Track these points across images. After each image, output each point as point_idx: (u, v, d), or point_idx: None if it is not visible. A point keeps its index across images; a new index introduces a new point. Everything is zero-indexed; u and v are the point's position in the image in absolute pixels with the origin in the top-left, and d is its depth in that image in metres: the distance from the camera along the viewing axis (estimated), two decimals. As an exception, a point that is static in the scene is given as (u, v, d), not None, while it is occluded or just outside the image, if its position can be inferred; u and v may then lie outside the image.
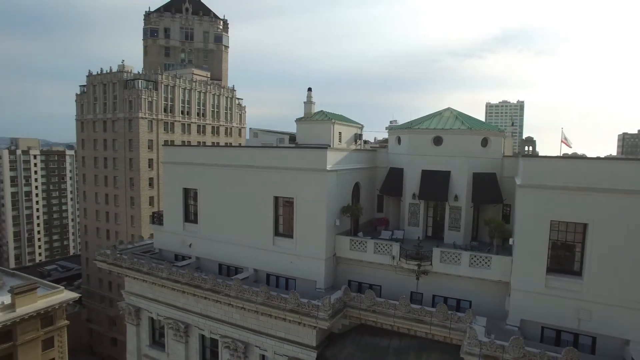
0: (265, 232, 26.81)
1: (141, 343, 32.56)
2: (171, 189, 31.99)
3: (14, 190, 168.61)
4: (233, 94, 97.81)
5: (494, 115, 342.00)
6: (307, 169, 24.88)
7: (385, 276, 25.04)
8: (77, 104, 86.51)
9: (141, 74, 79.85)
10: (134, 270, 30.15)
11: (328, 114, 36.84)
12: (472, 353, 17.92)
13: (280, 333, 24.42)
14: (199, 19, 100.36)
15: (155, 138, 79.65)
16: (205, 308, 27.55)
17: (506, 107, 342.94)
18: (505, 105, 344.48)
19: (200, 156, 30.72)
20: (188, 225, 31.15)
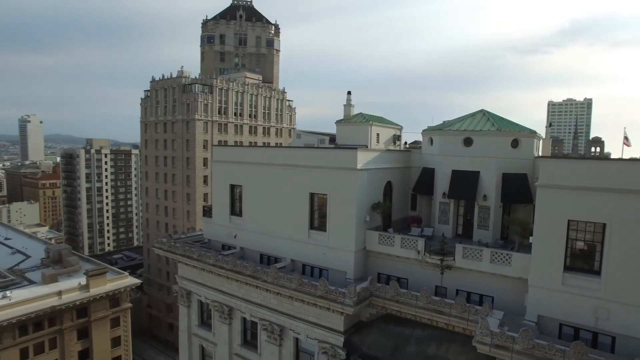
0: (301, 226, 29.11)
1: (191, 323, 36.15)
2: (219, 185, 35.22)
3: (88, 185, 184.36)
4: (283, 96, 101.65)
5: (557, 114, 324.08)
6: (339, 168, 26.87)
7: (411, 270, 26.45)
8: (141, 107, 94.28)
9: (198, 79, 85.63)
10: (185, 257, 33.68)
11: (366, 116, 38.54)
12: (484, 342, 19.07)
13: (311, 318, 26.63)
14: (252, 25, 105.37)
15: (210, 138, 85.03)
16: (246, 293, 30.36)
17: (571, 106, 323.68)
18: (570, 104, 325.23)
19: (245, 155, 33.68)
20: (234, 218, 34.21)
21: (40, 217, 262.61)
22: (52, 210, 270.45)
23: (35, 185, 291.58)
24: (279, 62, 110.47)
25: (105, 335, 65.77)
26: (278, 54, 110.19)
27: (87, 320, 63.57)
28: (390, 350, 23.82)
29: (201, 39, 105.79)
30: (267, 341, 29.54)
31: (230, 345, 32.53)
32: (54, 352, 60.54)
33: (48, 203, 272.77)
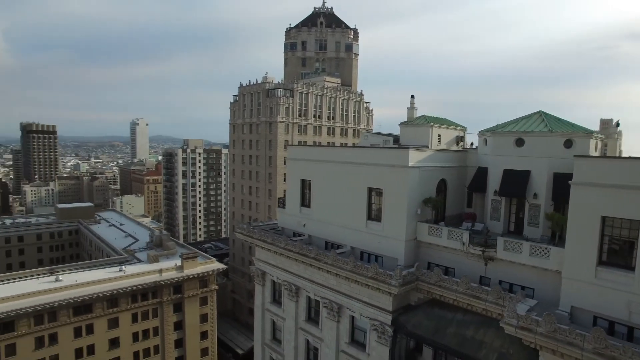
0: (360, 216, 32.63)
1: (265, 300, 41.44)
2: (292, 180, 40.00)
3: (184, 181, 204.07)
4: (361, 98, 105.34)
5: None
6: (393, 165, 29.96)
7: (458, 260, 28.66)
8: (230, 111, 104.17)
9: (280, 84, 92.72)
10: (261, 241, 38.97)
11: (428, 118, 40.83)
12: (510, 324, 21.13)
13: (365, 298, 30.06)
14: (331, 30, 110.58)
15: (290, 139, 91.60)
16: (311, 274, 34.64)
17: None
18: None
19: (313, 154, 38.09)
20: (303, 209, 38.72)
21: (145, 208, 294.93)
22: (155, 203, 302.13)
23: (141, 180, 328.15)
24: (357, 66, 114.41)
25: (195, 311, 74.94)
26: (357, 57, 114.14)
27: (181, 296, 73.14)
28: (432, 330, 26.44)
29: (284, 46, 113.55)
30: (327, 317, 33.54)
31: (297, 320, 37.10)
32: (155, 320, 70.72)
33: (151, 196, 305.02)
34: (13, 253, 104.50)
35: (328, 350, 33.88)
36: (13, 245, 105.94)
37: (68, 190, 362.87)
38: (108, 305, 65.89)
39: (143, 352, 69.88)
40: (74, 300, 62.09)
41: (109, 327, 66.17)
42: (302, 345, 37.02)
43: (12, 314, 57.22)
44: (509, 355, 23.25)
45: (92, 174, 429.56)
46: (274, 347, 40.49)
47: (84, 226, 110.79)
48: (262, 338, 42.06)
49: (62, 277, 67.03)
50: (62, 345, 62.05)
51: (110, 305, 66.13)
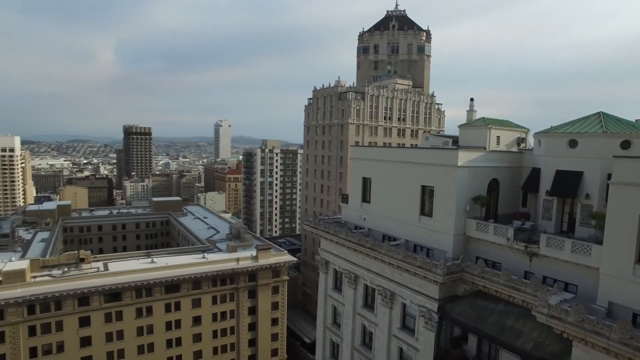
0: (413, 212, 35.21)
1: (327, 287, 45.38)
2: (354, 177, 43.50)
3: (262, 180, 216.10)
4: (432, 100, 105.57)
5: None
6: (443, 165, 32.24)
7: (504, 255, 30.18)
8: (305, 113, 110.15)
9: (352, 87, 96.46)
10: (324, 232, 42.96)
11: (487, 120, 41.99)
12: (542, 312, 22.74)
13: (415, 286, 32.66)
14: (403, 33, 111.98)
15: (361, 140, 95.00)
16: (368, 264, 37.86)
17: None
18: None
19: (373, 154, 41.29)
20: (364, 204, 42.02)
21: (226, 205, 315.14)
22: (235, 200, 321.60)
23: (223, 178, 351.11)
24: (429, 67, 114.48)
25: (267, 298, 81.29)
26: (429, 59, 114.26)
27: (255, 284, 79.88)
28: (474, 318, 28.42)
29: (357, 50, 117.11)
30: (381, 304, 36.56)
31: (354, 306, 40.51)
32: (232, 304, 78.16)
33: (232, 194, 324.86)
34: (118, 238, 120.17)
35: (381, 334, 36.89)
36: (118, 232, 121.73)
37: (160, 186, 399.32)
38: (192, 286, 74.40)
39: (221, 331, 77.70)
40: (165, 280, 71.20)
41: (193, 306, 74.68)
42: (358, 329, 40.37)
43: (120, 286, 67.56)
44: (544, 345, 24.70)
45: (180, 172, 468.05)
46: (334, 331, 44.29)
47: (174, 218, 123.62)
48: (324, 322, 46.07)
49: (156, 259, 76.92)
50: (156, 317, 71.55)
51: (194, 287, 74.61)
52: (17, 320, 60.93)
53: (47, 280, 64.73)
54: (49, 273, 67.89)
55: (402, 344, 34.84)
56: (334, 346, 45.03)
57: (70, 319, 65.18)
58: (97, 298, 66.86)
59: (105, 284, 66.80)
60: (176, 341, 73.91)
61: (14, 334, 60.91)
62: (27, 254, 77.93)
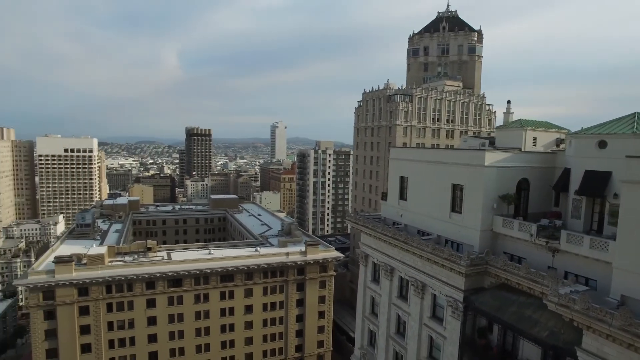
0: (444, 208, 37.48)
1: (366, 278, 48.42)
2: (393, 176, 46.22)
3: (315, 180, 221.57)
4: (482, 101, 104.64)
5: None
6: (472, 165, 34.32)
7: (529, 251, 31.77)
8: (355, 115, 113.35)
9: (401, 89, 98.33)
10: (364, 226, 46.11)
11: (523, 122, 43.01)
12: (552, 301, 24.53)
13: (443, 278, 34.98)
14: (454, 34, 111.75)
15: (408, 141, 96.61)
16: (403, 257, 40.53)
17: None
18: None
19: (409, 154, 43.84)
20: (401, 201, 44.68)
21: (280, 204, 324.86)
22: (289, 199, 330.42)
23: (278, 178, 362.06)
24: (480, 68, 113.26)
25: (315, 292, 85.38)
26: (480, 59, 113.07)
27: (303, 277, 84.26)
28: (496, 308, 30.38)
29: (407, 52, 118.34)
30: (413, 294, 39.11)
31: (390, 296, 43.28)
32: (281, 295, 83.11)
33: (286, 194, 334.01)
34: (179, 232, 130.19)
35: (413, 323, 39.43)
36: (179, 226, 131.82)
37: (218, 185, 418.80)
38: (245, 277, 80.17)
39: (270, 320, 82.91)
40: (220, 270, 77.54)
41: (245, 295, 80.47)
42: (393, 318, 43.11)
43: (181, 273, 74.68)
44: (559, 334, 26.35)
45: (237, 172, 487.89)
46: (372, 320, 47.26)
47: (230, 214, 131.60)
48: (363, 311, 49.16)
49: (213, 251, 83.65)
50: (212, 303, 78.11)
51: (246, 278, 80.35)
52: (98, 297, 69.74)
53: (121, 265, 73.20)
54: (122, 259, 76.53)
55: (432, 332, 37.22)
56: (371, 334, 48.03)
57: (139, 300, 73.19)
58: (162, 283, 74.40)
59: (169, 271, 74.20)
60: (229, 327, 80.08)
61: (96, 309, 69.83)
62: (104, 241, 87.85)
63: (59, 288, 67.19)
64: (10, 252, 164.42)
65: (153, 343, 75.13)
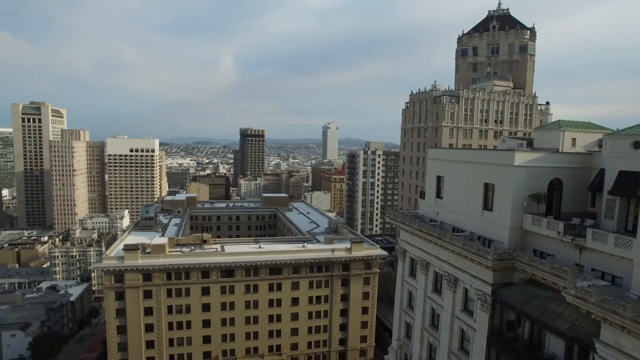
0: (477, 206, 39.00)
1: (404, 273, 50.62)
2: (430, 176, 48.13)
3: (364, 181, 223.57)
4: (534, 100, 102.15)
5: None
6: (502, 164, 35.75)
7: (556, 248, 32.77)
8: (402, 116, 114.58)
9: (448, 91, 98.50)
10: (401, 223, 48.40)
11: (562, 123, 43.38)
12: (569, 293, 25.90)
13: (473, 272, 36.67)
14: (504, 33, 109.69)
15: (455, 142, 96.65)
16: (437, 252, 42.45)
17: None
18: None
19: (445, 155, 45.61)
20: (437, 200, 46.50)
21: (330, 204, 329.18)
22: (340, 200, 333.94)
23: (329, 179, 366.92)
24: (532, 67, 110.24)
25: (359, 288, 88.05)
26: (532, 58, 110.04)
27: (348, 273, 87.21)
28: (521, 301, 31.80)
29: (456, 53, 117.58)
30: (446, 288, 40.96)
31: (425, 290, 45.28)
32: (326, 290, 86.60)
33: (337, 194, 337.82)
34: (232, 227, 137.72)
35: (446, 315, 41.28)
36: (233, 222, 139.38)
37: (270, 184, 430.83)
38: (292, 271, 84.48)
39: (315, 313, 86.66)
40: (269, 263, 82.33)
41: (292, 288, 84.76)
42: (428, 311, 45.08)
43: (233, 265, 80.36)
44: (580, 327, 27.54)
45: (289, 172, 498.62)
46: (408, 312, 49.41)
47: (280, 212, 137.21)
48: (400, 304, 51.42)
49: (263, 245, 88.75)
50: (261, 294, 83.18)
51: (293, 271, 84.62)
52: (159, 283, 77.01)
53: (179, 255, 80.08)
54: (180, 250, 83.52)
55: (463, 325, 38.96)
56: (408, 327, 50.18)
57: (195, 288, 79.68)
58: (215, 273, 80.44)
59: (222, 262, 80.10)
60: (277, 317, 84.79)
61: (157, 293, 77.18)
62: (165, 233, 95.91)
63: (127, 273, 75.06)
64: (85, 242, 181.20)
65: (207, 328, 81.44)
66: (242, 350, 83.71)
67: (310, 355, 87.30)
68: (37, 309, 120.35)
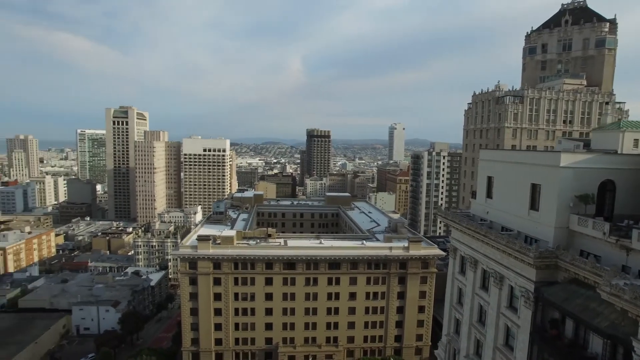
0: (524, 206, 39.75)
1: (455, 270, 51.92)
2: (480, 176, 49.05)
3: (428, 182, 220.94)
4: (611, 98, 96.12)
5: None
6: (549, 165, 36.39)
7: (603, 249, 32.94)
8: (464, 117, 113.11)
9: (511, 91, 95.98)
10: (451, 221, 49.86)
11: (623, 124, 42.52)
12: (604, 290, 26.66)
13: (517, 269, 37.61)
14: (578, 28, 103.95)
15: (518, 144, 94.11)
16: (485, 250, 43.57)
17: None
18: None
19: (495, 155, 46.47)
20: (487, 199, 47.43)
21: (395, 206, 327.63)
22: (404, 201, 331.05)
23: (394, 180, 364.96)
24: (612, 62, 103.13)
25: (415, 287, 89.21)
26: (611, 52, 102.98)
27: (405, 272, 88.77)
28: (562, 299, 32.52)
29: (523, 50, 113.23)
30: (493, 285, 42.03)
31: (474, 287, 46.45)
32: (383, 286, 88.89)
33: (402, 195, 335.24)
34: (296, 224, 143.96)
35: (492, 312, 42.32)
36: (297, 219, 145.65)
37: (335, 184, 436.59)
38: (350, 266, 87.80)
39: (372, 309, 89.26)
40: (328, 258, 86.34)
41: (350, 283, 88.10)
42: (476, 308, 46.22)
43: (294, 258, 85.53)
44: (619, 325, 28.03)
45: (355, 173, 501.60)
46: (458, 309, 50.70)
47: (342, 210, 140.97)
48: (451, 301, 52.77)
49: (323, 241, 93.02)
50: (320, 287, 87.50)
51: (352, 267, 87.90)
52: (227, 271, 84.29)
53: (246, 247, 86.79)
54: (247, 242, 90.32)
55: (508, 321, 39.92)
56: (457, 322, 51.45)
57: (259, 278, 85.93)
58: (278, 265, 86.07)
59: (284, 255, 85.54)
60: (334, 310, 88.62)
61: (226, 281, 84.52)
62: (233, 227, 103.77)
63: (200, 260, 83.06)
64: (163, 234, 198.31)
65: (269, 316, 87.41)
66: (301, 339, 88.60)
67: (366, 349, 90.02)
68: (125, 290, 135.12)
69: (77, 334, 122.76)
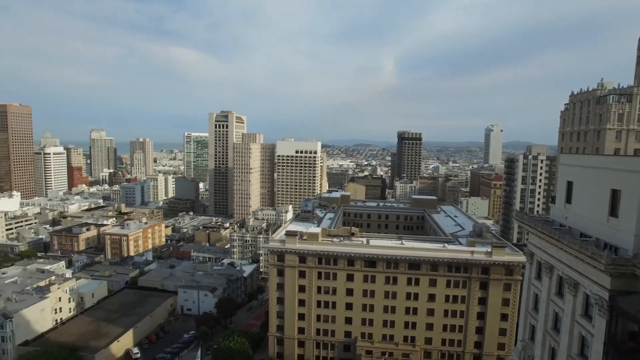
0: (603, 212, 38.76)
1: (531, 275, 51.20)
2: (560, 181, 47.92)
3: (523, 187, 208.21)
4: None
5: None
6: (629, 170, 35.43)
7: (686, 258, 31.59)
8: (560, 119, 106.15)
9: (616, 89, 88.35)
10: (527, 225, 49.46)
11: None
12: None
13: (592, 276, 37.00)
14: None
15: (623, 147, 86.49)
16: (560, 255, 42.93)
17: None
18: None
19: (576, 160, 45.34)
20: (566, 205, 46.36)
21: (489, 211, 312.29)
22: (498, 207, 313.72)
23: (488, 184, 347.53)
24: None
25: (498, 293, 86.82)
26: None
27: (487, 277, 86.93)
28: (635, 306, 31.85)
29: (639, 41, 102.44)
30: (568, 292, 41.41)
31: (549, 293, 45.79)
32: (463, 290, 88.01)
33: (496, 200, 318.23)
34: (381, 225, 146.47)
35: (566, 319, 41.68)
36: (382, 220, 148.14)
37: (425, 188, 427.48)
38: (430, 268, 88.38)
39: (451, 312, 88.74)
40: (408, 258, 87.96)
41: (429, 284, 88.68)
42: (550, 314, 45.53)
43: (375, 256, 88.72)
44: (692, 335, 27.23)
45: (447, 176, 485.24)
46: (533, 315, 49.99)
47: (427, 213, 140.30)
48: (526, 307, 52.04)
49: (405, 242, 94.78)
50: (399, 286, 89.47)
51: (432, 269, 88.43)
52: (312, 265, 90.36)
53: (330, 244, 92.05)
54: (331, 240, 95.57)
55: (582, 329, 39.22)
56: (532, 329, 50.69)
57: (341, 274, 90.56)
58: (359, 262, 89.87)
59: (365, 253, 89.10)
60: (413, 310, 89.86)
61: (310, 274, 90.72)
62: (320, 225, 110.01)
63: (287, 254, 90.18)
64: (257, 230, 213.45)
65: (349, 310, 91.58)
66: (379, 336, 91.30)
67: (444, 352, 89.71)
68: (221, 278, 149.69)
69: (181, 312, 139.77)
